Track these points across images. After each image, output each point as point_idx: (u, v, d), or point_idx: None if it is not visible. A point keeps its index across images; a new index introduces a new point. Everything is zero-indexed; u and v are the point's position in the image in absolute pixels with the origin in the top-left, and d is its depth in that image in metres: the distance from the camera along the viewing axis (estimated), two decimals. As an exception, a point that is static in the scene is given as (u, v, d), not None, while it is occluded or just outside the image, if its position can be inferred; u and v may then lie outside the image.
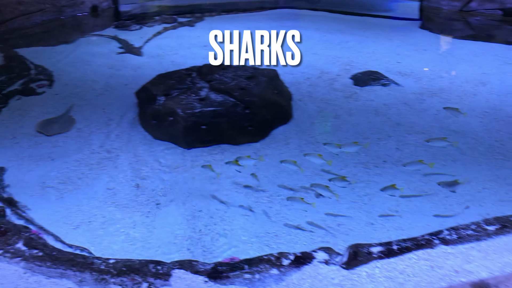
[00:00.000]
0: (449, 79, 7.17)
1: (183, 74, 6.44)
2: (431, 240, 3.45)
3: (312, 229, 4.29)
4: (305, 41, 8.95)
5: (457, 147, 5.35)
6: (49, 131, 5.87)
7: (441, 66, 7.66)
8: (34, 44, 9.21)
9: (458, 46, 8.52)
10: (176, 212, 4.53)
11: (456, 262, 3.25)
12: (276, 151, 5.45)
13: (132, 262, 3.37)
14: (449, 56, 8.09)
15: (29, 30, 10.14)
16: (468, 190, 4.69)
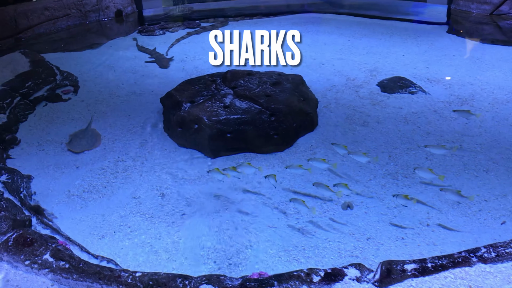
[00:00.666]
0: (479, 86, 6.97)
1: (208, 81, 6.40)
2: (468, 258, 3.31)
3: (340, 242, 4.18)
4: (330, 46, 8.95)
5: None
6: (77, 148, 5.73)
7: (471, 72, 7.45)
8: (59, 49, 9.31)
9: (489, 51, 8.28)
10: (201, 223, 4.47)
11: (495, 282, 3.11)
12: (303, 161, 5.34)
13: (159, 276, 3.31)
14: (479, 62, 7.86)
15: (54, 35, 10.25)
16: (505, 204, 4.52)
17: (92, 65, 8.48)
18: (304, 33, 9.75)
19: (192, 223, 4.48)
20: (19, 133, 6.11)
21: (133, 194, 4.90)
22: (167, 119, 6.07)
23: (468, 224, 4.37)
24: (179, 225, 4.46)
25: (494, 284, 3.09)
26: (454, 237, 4.20)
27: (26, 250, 3.55)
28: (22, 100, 6.83)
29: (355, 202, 4.68)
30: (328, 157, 5.42)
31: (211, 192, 4.92)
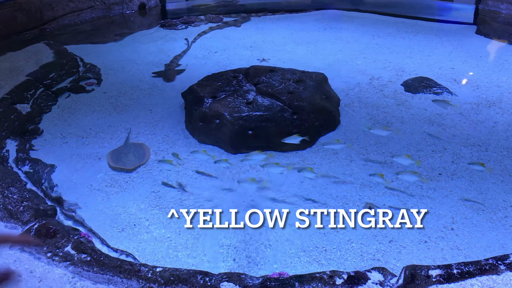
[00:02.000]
0: (507, 89, 6.80)
1: (230, 76, 6.36)
2: (496, 265, 3.22)
3: (363, 244, 4.11)
4: (353, 44, 8.84)
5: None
6: (130, 164, 5.21)
7: (498, 75, 7.28)
8: (83, 41, 9.36)
9: (517, 53, 8.09)
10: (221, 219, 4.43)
11: (524, 292, 3.03)
12: (325, 160, 5.28)
13: (179, 272, 3.31)
14: (507, 64, 7.67)
15: (78, 27, 10.33)
16: (532, 211, 4.40)
17: (115, 57, 8.52)
18: (327, 30, 9.74)
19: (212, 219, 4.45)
20: (42, 124, 6.15)
21: (153, 188, 4.90)
22: (188, 114, 6.05)
23: (493, 230, 4.26)
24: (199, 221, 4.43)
25: (522, 294, 3.01)
26: (479, 241, 4.11)
27: (48, 242, 3.57)
28: (45, 91, 6.88)
29: (378, 203, 4.61)
30: (351, 156, 5.35)
31: (231, 188, 4.89)
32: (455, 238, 4.18)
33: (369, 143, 5.56)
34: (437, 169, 5.06)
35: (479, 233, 4.22)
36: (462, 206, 4.54)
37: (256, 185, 4.79)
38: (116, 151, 5.42)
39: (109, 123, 6.17)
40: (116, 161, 5.25)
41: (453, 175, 4.98)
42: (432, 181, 4.89)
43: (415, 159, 5.03)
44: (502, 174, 5.02)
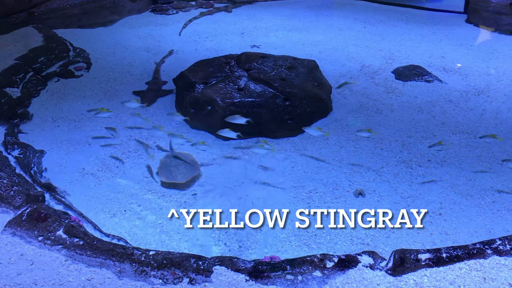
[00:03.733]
0: (496, 77, 6.87)
1: (222, 62, 6.34)
2: (483, 249, 3.29)
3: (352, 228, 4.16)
4: (345, 32, 8.84)
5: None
6: (183, 178, 4.74)
7: (487, 63, 7.34)
8: (72, 25, 9.24)
9: (507, 42, 8.14)
10: (213, 204, 4.46)
11: (510, 275, 3.11)
12: (315, 147, 5.31)
13: (172, 255, 3.33)
14: (496, 53, 7.74)
15: (67, 11, 10.14)
16: (519, 197, 4.48)
17: (105, 42, 8.43)
18: (318, 17, 9.71)
19: (204, 204, 4.47)
20: (31, 108, 6.09)
21: (144, 174, 4.89)
22: (179, 99, 6.03)
23: (481, 215, 4.34)
24: (191, 205, 4.46)
25: (508, 277, 3.08)
26: (466, 226, 4.18)
27: (40, 226, 3.57)
28: (35, 75, 6.80)
29: (368, 190, 4.66)
30: (341, 143, 5.39)
31: (222, 173, 4.91)
32: (443, 223, 4.25)
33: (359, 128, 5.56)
34: (426, 156, 5.12)
35: (467, 218, 4.29)
36: (450, 191, 4.60)
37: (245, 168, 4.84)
38: (164, 166, 4.86)
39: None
40: (168, 176, 4.73)
41: (442, 161, 5.05)
42: (421, 167, 4.94)
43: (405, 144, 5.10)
44: (489, 162, 5.09)
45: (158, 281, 3.15)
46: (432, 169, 4.93)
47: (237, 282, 3.11)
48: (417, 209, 4.20)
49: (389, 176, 4.86)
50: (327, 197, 4.58)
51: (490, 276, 3.09)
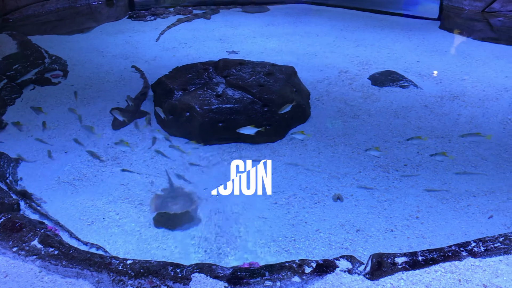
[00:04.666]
0: (470, 83, 7.02)
1: (200, 69, 6.34)
2: (458, 251, 3.34)
3: (331, 234, 4.19)
4: (322, 38, 8.94)
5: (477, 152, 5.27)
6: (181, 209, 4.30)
7: (461, 69, 7.50)
8: (48, 32, 9.15)
9: (480, 48, 8.34)
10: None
11: (484, 276, 3.15)
12: (294, 152, 5.34)
13: (150, 264, 3.29)
14: (469, 58, 7.91)
15: (43, 18, 10.08)
16: (493, 199, 4.57)
17: (82, 49, 8.35)
18: (296, 24, 9.81)
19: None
20: (6, 117, 5.99)
21: (122, 181, 4.85)
22: (158, 106, 5.99)
23: (456, 218, 4.40)
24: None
25: (482, 278, 3.13)
26: (443, 230, 4.24)
27: (14, 236, 3.50)
28: (9, 83, 6.70)
29: (345, 194, 4.70)
30: (319, 148, 5.43)
31: (201, 181, 4.89)
32: (420, 227, 4.30)
33: (337, 134, 5.66)
34: (402, 160, 5.19)
35: (443, 222, 4.36)
36: (426, 195, 4.67)
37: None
38: (160, 197, 4.46)
39: (76, 116, 6.05)
40: (161, 208, 4.30)
41: (418, 166, 5.12)
42: (398, 171, 5.01)
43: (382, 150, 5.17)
44: (464, 165, 5.19)
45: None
46: (408, 173, 5.00)
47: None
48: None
49: (367, 180, 4.91)
50: (306, 202, 4.60)
51: (465, 277, 3.13)
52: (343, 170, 5.07)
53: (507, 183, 4.79)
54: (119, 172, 5.00)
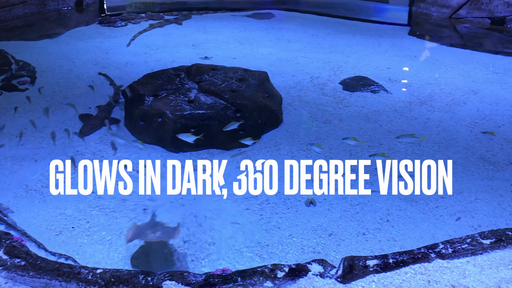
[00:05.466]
0: (438, 87, 7.17)
1: (171, 74, 6.30)
2: (427, 253, 3.40)
3: (303, 238, 4.21)
4: (294, 44, 9.00)
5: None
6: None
7: (430, 73, 7.66)
8: (15, 37, 8.96)
9: (447, 53, 8.55)
10: (164, 219, 4.40)
11: (452, 277, 3.21)
12: (267, 157, 5.35)
13: (120, 273, 3.24)
14: (438, 63, 8.10)
15: (10, 23, 9.86)
16: (460, 201, 4.66)
17: (50, 55, 8.20)
18: (269, 30, 9.86)
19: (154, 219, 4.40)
20: (-29, 124, 5.84)
21: (92, 189, 4.76)
22: (128, 112, 5.93)
23: (425, 220, 4.48)
24: (141, 221, 4.37)
25: (451, 279, 3.19)
26: (412, 232, 4.31)
27: (-22, 247, 3.40)
28: (-25, 89, 6.53)
29: (318, 198, 4.73)
30: (293, 153, 5.45)
31: (174, 187, 4.85)
32: (391, 230, 4.36)
33: (310, 139, 5.69)
34: (374, 164, 5.26)
35: (413, 224, 4.42)
36: (396, 198, 4.74)
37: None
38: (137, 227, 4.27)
39: (45, 124, 5.94)
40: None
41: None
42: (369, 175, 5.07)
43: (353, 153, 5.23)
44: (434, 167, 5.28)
45: (105, 299, 3.06)
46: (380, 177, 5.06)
47: (187, 297, 3.07)
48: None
49: (339, 185, 4.94)
50: (278, 207, 4.60)
51: (434, 278, 3.19)
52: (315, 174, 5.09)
53: (474, 184, 4.91)
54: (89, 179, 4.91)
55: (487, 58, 8.23)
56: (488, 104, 6.56)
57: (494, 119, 6.17)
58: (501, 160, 5.31)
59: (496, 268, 3.25)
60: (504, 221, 4.39)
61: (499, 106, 6.50)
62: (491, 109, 6.43)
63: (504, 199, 4.69)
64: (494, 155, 5.40)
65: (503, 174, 5.07)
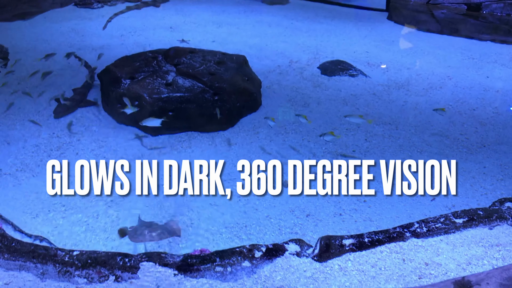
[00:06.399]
0: (415, 72, 7.25)
1: (149, 57, 6.22)
2: (402, 233, 3.47)
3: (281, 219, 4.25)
4: (273, 28, 8.97)
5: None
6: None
7: (407, 58, 7.73)
8: (-14, 19, 8.70)
9: (424, 38, 8.62)
10: (141, 202, 4.37)
11: (426, 255, 3.29)
12: (246, 140, 5.36)
13: (98, 254, 3.23)
14: (415, 48, 8.17)
15: (-20, 4, 9.55)
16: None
17: (25, 37, 8.00)
18: (247, 13, 9.78)
19: (132, 203, 4.37)
20: None
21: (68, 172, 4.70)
22: (105, 95, 5.85)
23: (402, 201, 4.56)
24: (118, 204, 4.34)
25: (425, 257, 3.27)
26: (389, 213, 4.38)
27: (-49, 229, 3.33)
28: None
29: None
30: (271, 136, 5.47)
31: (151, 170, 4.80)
32: (367, 210, 4.43)
33: (288, 122, 5.71)
34: (351, 147, 5.32)
35: (389, 205, 4.50)
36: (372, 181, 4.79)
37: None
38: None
39: (20, 105, 5.81)
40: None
41: (366, 152, 5.26)
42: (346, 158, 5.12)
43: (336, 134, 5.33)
44: (410, 151, 5.36)
45: (83, 280, 3.05)
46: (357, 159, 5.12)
47: (165, 277, 3.07)
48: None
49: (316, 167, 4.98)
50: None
51: (408, 257, 3.26)
52: (293, 157, 5.12)
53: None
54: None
55: (463, 44, 8.34)
56: (462, 89, 6.67)
57: (468, 102, 6.28)
58: (474, 143, 5.42)
59: (467, 246, 3.35)
60: (476, 202, 4.50)
61: (472, 90, 6.61)
62: (465, 93, 6.53)
63: (477, 180, 4.81)
64: (468, 138, 5.51)
65: (476, 156, 5.18)
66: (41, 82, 6.43)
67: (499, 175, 4.90)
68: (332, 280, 3.07)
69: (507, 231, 3.45)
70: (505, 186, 4.73)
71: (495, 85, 6.82)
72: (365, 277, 3.10)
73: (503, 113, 6.07)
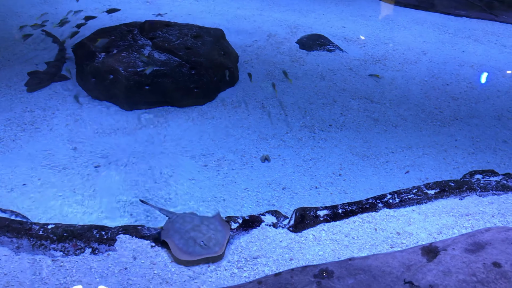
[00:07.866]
0: (392, 47, 7.30)
1: (124, 30, 6.10)
2: (375, 203, 3.55)
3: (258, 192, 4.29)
4: (251, 2, 8.86)
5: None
6: (216, 247, 3.07)
7: (384, 33, 7.76)
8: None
9: (401, 13, 8.65)
10: (118, 176, 4.37)
11: (398, 225, 3.38)
12: (224, 114, 5.35)
13: (74, 227, 3.23)
14: (392, 24, 8.20)
15: None
16: (409, 156, 4.86)
17: (-6, 9, 7.76)
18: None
19: (108, 176, 4.36)
20: None
21: (43, 147, 4.65)
22: (80, 69, 5.74)
23: (376, 174, 4.65)
24: (94, 178, 4.33)
25: (396, 226, 3.36)
26: (363, 185, 4.47)
27: None
28: None
29: (273, 155, 4.80)
30: (249, 111, 5.47)
31: (128, 144, 4.80)
32: (342, 183, 4.51)
33: (265, 97, 5.72)
34: (328, 121, 5.37)
35: (364, 178, 4.59)
36: (349, 153, 4.88)
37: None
38: (176, 232, 3.18)
39: (-10, 80, 5.69)
40: (193, 250, 3.05)
41: (342, 126, 5.32)
42: (323, 132, 5.18)
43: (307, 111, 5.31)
44: (385, 125, 5.44)
45: (58, 253, 3.05)
46: (333, 133, 5.18)
47: (141, 249, 3.10)
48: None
49: (293, 141, 5.04)
50: (235, 164, 4.66)
51: (380, 227, 3.35)
52: (271, 131, 5.16)
53: (422, 140, 5.11)
54: (39, 137, 4.78)
55: (439, 19, 8.40)
56: (437, 64, 6.75)
57: (443, 77, 6.37)
58: (447, 116, 5.52)
59: (438, 216, 3.44)
60: (449, 174, 4.62)
61: (447, 66, 6.70)
62: (439, 68, 6.62)
63: (449, 154, 4.92)
64: (442, 112, 5.61)
65: (448, 129, 5.29)
66: (14, 56, 6.27)
67: (470, 148, 5.02)
68: (307, 250, 3.13)
69: (476, 201, 3.56)
70: (476, 160, 4.86)
71: (470, 60, 6.92)
72: (338, 246, 3.17)
73: (476, 87, 6.18)
